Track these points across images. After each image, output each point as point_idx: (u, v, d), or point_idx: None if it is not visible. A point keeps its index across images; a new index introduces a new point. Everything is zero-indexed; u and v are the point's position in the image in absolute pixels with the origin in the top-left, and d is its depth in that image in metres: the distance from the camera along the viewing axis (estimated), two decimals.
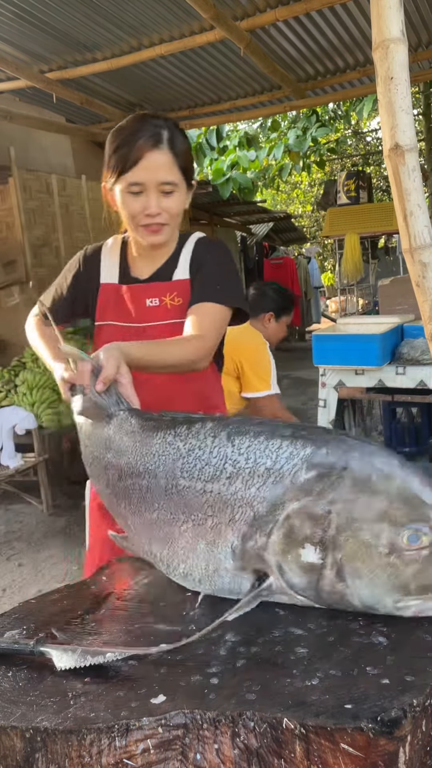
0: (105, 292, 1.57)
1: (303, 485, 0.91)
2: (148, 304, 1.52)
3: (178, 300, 1.51)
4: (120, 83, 5.32)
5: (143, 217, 1.41)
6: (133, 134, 1.36)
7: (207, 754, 0.74)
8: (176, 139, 1.39)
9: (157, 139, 1.36)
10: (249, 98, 5.81)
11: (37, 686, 0.87)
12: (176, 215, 1.45)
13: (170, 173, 1.38)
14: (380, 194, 15.76)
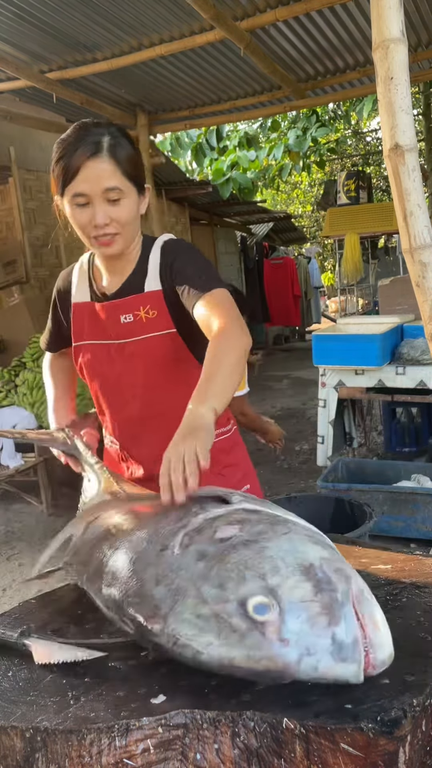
0: (77, 311, 1.54)
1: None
2: (122, 321, 1.46)
3: (152, 312, 1.45)
4: (120, 83, 5.32)
5: (92, 229, 1.35)
6: (72, 144, 1.32)
7: (207, 753, 0.74)
8: (118, 146, 1.33)
9: (96, 147, 1.31)
10: (249, 98, 5.82)
11: (37, 686, 0.87)
12: (127, 223, 1.37)
13: (113, 180, 1.32)
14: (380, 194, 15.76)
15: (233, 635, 0.79)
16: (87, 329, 1.51)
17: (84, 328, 1.52)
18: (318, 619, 0.77)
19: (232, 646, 0.79)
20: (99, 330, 1.50)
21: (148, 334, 1.44)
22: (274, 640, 0.77)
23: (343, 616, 0.77)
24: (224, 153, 10.20)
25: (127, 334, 1.46)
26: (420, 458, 4.34)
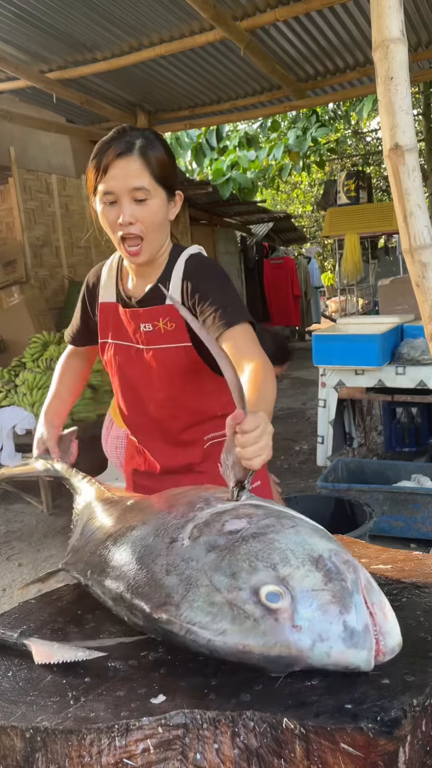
0: (103, 311, 1.57)
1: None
2: (142, 329, 1.49)
3: (171, 325, 1.47)
4: (120, 83, 5.32)
5: (118, 227, 1.38)
6: (106, 144, 1.36)
7: (207, 753, 0.74)
8: (150, 148, 1.36)
9: (127, 147, 1.34)
10: (249, 98, 5.82)
11: (37, 686, 0.87)
12: (152, 226, 1.38)
13: (140, 179, 1.34)
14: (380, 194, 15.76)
15: (247, 621, 0.81)
16: (112, 329, 1.56)
17: (109, 327, 1.56)
18: (329, 607, 0.79)
19: (246, 633, 0.80)
20: (123, 331, 1.54)
21: (165, 345, 1.47)
22: (287, 626, 0.79)
23: (354, 605, 0.80)
24: (224, 153, 10.20)
25: (146, 341, 1.49)
26: (420, 458, 4.34)
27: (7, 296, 5.98)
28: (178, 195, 1.45)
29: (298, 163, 11.04)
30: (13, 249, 6.46)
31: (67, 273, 7.20)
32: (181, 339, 1.47)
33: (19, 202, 6.49)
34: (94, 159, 1.37)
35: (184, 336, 1.46)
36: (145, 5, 4.01)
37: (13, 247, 6.48)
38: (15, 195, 6.46)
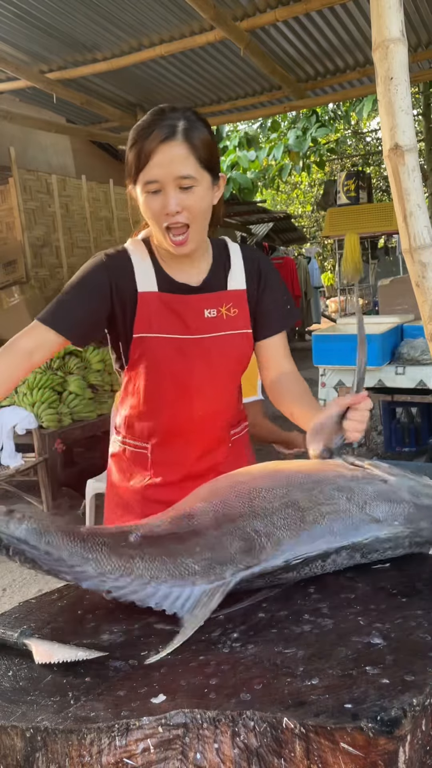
0: (145, 301, 1.39)
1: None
2: (206, 315, 1.42)
3: (234, 311, 1.44)
4: (120, 83, 5.32)
5: (164, 217, 1.29)
6: (147, 128, 1.27)
7: (207, 753, 0.74)
8: (194, 130, 1.27)
9: (170, 130, 1.25)
10: (249, 98, 5.82)
11: (38, 686, 0.87)
12: (199, 213, 1.31)
13: (186, 166, 1.26)
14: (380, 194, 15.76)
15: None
16: (156, 322, 1.40)
17: (152, 320, 1.40)
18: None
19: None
20: (172, 322, 1.40)
21: (228, 332, 1.44)
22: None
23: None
24: (224, 153, 10.21)
25: (208, 329, 1.42)
26: (420, 458, 4.34)
27: (7, 296, 5.98)
28: (222, 178, 1.38)
29: (298, 163, 11.05)
30: (14, 249, 6.46)
31: (67, 273, 7.20)
32: (243, 325, 1.45)
33: (20, 202, 6.49)
34: (135, 145, 1.28)
35: (246, 323, 1.45)
36: (145, 5, 4.02)
37: (13, 247, 6.48)
38: (15, 195, 6.47)
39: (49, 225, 6.97)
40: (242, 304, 1.45)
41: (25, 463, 4.26)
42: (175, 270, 1.44)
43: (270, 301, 1.49)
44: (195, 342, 1.41)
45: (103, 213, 7.90)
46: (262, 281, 1.48)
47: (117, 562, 1.06)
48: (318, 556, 1.05)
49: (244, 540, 1.05)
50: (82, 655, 0.89)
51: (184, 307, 1.41)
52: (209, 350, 1.42)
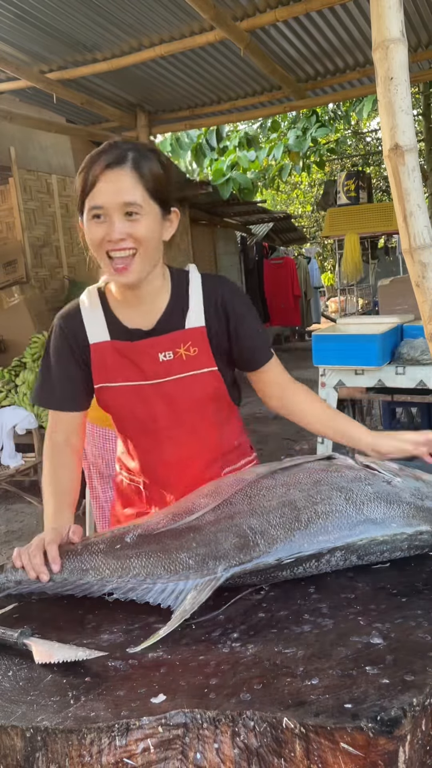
0: (97, 352, 1.38)
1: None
2: (161, 359, 1.36)
3: (193, 350, 1.37)
4: (120, 84, 5.32)
5: (106, 244, 1.24)
6: (96, 155, 1.24)
7: (207, 753, 0.74)
8: (144, 161, 1.24)
9: (119, 158, 1.22)
10: (249, 98, 5.82)
11: (38, 686, 0.87)
12: (144, 242, 1.25)
13: (132, 194, 1.22)
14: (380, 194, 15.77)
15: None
16: (112, 370, 1.38)
17: (107, 369, 1.38)
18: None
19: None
20: (128, 370, 1.38)
21: (188, 373, 1.37)
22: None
23: None
24: (224, 153, 10.20)
25: (165, 372, 1.36)
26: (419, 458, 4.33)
27: (7, 296, 5.98)
28: (174, 213, 1.32)
29: (298, 163, 11.05)
30: (14, 249, 6.46)
31: (67, 273, 7.20)
32: (206, 364, 1.38)
33: (20, 202, 6.49)
34: (82, 171, 1.25)
35: (209, 360, 1.38)
36: (145, 5, 4.01)
37: (13, 247, 6.48)
38: (15, 195, 6.47)
39: (49, 225, 6.97)
40: (202, 342, 1.37)
41: (25, 463, 4.26)
42: (128, 314, 1.39)
43: (250, 332, 1.41)
44: (154, 387, 1.37)
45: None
46: (231, 315, 1.39)
47: (114, 564, 1.11)
48: (311, 556, 1.06)
49: (239, 537, 1.07)
50: (82, 655, 0.90)
51: (136, 353, 1.37)
52: (170, 394, 1.37)
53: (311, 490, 1.12)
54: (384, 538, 1.07)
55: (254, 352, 1.43)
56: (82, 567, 1.12)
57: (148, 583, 1.07)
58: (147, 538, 1.13)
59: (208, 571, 1.05)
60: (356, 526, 1.07)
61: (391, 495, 1.11)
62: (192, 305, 1.39)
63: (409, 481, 1.15)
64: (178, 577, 1.06)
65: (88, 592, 1.11)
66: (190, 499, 1.22)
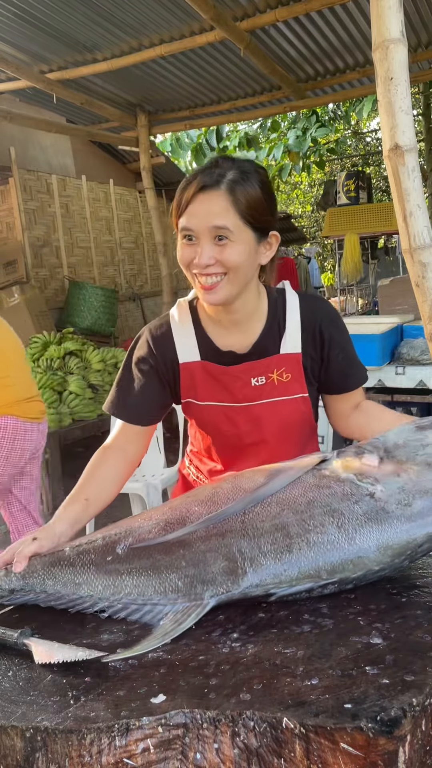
0: (187, 371, 1.36)
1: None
2: (253, 384, 1.34)
3: (286, 376, 1.34)
4: (120, 84, 5.32)
5: (194, 266, 1.22)
6: (193, 175, 1.20)
7: (207, 753, 0.74)
8: (242, 183, 1.18)
9: (215, 180, 1.17)
10: (249, 99, 5.82)
11: (37, 686, 0.87)
12: (233, 268, 1.21)
13: (223, 218, 1.17)
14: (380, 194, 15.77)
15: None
16: (200, 390, 1.37)
17: (196, 388, 1.37)
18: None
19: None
20: (217, 392, 1.36)
21: (279, 398, 1.35)
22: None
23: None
24: (224, 153, 10.21)
25: (256, 396, 1.35)
26: None
27: (7, 296, 5.99)
28: (274, 236, 1.27)
29: (297, 163, 11.05)
30: (14, 249, 6.46)
31: (68, 273, 7.20)
32: (298, 390, 1.36)
33: (20, 202, 6.49)
34: (180, 191, 1.21)
35: (302, 386, 1.36)
36: (145, 5, 4.02)
37: (13, 247, 6.48)
38: (15, 195, 6.47)
39: (49, 225, 6.98)
40: (297, 369, 1.35)
41: None
42: (221, 333, 1.36)
43: (339, 359, 1.38)
44: (242, 409, 1.36)
45: (103, 213, 7.91)
46: (327, 341, 1.36)
47: (106, 581, 1.07)
48: (302, 590, 1.00)
49: (228, 560, 1.02)
50: (82, 655, 0.89)
51: (228, 378, 1.35)
52: (258, 417, 1.36)
53: (304, 514, 1.04)
54: (380, 567, 1.00)
55: (345, 379, 1.40)
56: (75, 581, 1.09)
57: (139, 603, 1.04)
58: (138, 552, 1.08)
59: (195, 596, 1.01)
60: (350, 560, 0.99)
61: (379, 515, 1.01)
62: (289, 329, 1.35)
63: (391, 483, 1.03)
64: (167, 600, 1.02)
65: (81, 607, 1.07)
66: (186, 503, 1.15)
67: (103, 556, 1.10)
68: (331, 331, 1.36)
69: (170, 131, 7.78)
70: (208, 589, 1.01)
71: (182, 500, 1.17)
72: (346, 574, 0.99)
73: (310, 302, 1.39)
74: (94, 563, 1.10)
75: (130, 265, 8.41)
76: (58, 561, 1.13)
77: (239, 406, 1.35)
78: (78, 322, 6.65)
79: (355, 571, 0.99)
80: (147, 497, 3.17)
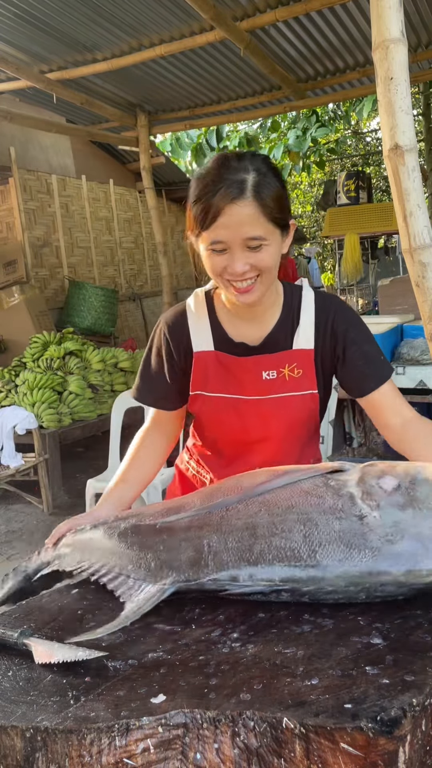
0: (200, 361, 1.37)
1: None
2: (264, 377, 1.34)
3: (297, 372, 1.34)
4: (120, 83, 5.32)
5: (226, 274, 1.23)
6: (213, 184, 1.17)
7: (207, 753, 0.74)
8: (264, 185, 1.18)
9: (239, 189, 1.15)
10: (249, 98, 5.82)
11: (37, 686, 0.87)
12: (266, 269, 1.23)
13: (255, 228, 1.17)
14: (380, 194, 15.77)
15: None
16: (212, 381, 1.37)
17: (208, 379, 1.37)
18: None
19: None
20: (229, 383, 1.37)
21: (288, 393, 1.35)
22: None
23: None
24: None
25: (266, 391, 1.35)
26: None
27: (7, 296, 5.99)
28: (291, 225, 1.28)
29: (298, 163, 11.05)
30: (14, 249, 6.46)
31: (67, 273, 7.20)
32: (308, 386, 1.36)
33: (20, 202, 6.49)
34: (199, 201, 1.19)
35: (312, 383, 1.36)
36: (145, 5, 4.02)
37: (13, 247, 6.48)
38: (15, 195, 6.47)
39: (49, 225, 6.98)
40: (308, 365, 1.35)
41: (25, 463, 4.26)
42: (236, 325, 1.37)
43: (357, 357, 1.36)
44: (251, 403, 1.36)
45: (103, 213, 7.91)
46: (340, 338, 1.36)
47: (101, 552, 1.19)
48: (256, 591, 1.00)
49: (196, 551, 1.05)
50: (82, 655, 0.89)
51: (240, 369, 1.35)
52: (266, 412, 1.36)
53: (278, 517, 1.02)
54: (332, 588, 0.96)
55: (362, 378, 1.36)
56: (81, 547, 1.24)
57: (116, 573, 1.14)
58: (137, 529, 1.17)
59: (161, 578, 1.06)
60: (304, 570, 0.97)
61: (356, 536, 0.96)
62: (303, 324, 1.36)
63: (390, 514, 0.97)
64: (137, 575, 1.10)
65: (80, 570, 1.20)
66: (194, 494, 1.21)
67: (109, 531, 1.21)
68: (346, 328, 1.36)
69: (170, 131, 7.78)
70: (171, 575, 1.06)
71: (189, 495, 1.23)
72: (297, 585, 0.98)
73: (326, 299, 1.39)
74: (99, 536, 1.22)
75: (130, 265, 8.42)
76: (74, 531, 1.29)
77: (249, 400, 1.36)
78: (78, 322, 6.66)
79: (307, 584, 0.97)
80: (147, 497, 3.17)
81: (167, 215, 9.24)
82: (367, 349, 1.36)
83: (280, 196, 1.21)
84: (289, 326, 1.36)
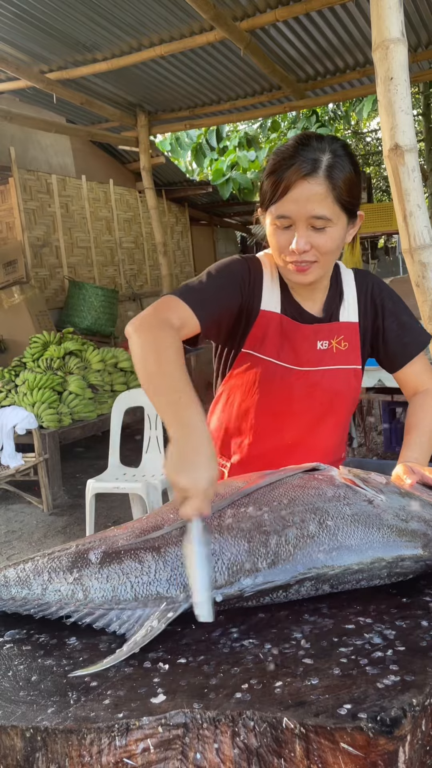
0: (264, 319, 1.35)
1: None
2: (318, 347, 1.35)
3: (344, 344, 1.37)
4: (120, 83, 5.32)
5: (289, 253, 1.23)
6: (288, 159, 1.18)
7: (207, 753, 0.74)
8: (337, 167, 1.18)
9: (313, 166, 1.16)
10: (249, 98, 5.83)
11: (38, 686, 0.87)
12: (328, 253, 1.24)
13: (323, 207, 1.18)
14: (380, 194, 15.77)
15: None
16: (268, 344, 1.35)
17: (265, 340, 1.35)
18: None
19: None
20: (282, 350, 1.35)
21: (336, 366, 1.37)
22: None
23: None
24: (224, 153, 10.22)
25: (318, 362, 1.36)
26: None
27: (7, 296, 5.99)
28: (359, 217, 1.28)
29: None
30: (14, 249, 6.46)
31: (68, 273, 7.20)
32: (353, 360, 1.38)
33: (20, 202, 6.49)
34: (273, 174, 1.20)
35: (357, 357, 1.38)
36: (145, 5, 4.02)
37: (13, 247, 6.48)
38: (15, 195, 6.47)
39: (49, 225, 6.97)
40: (354, 338, 1.38)
41: (25, 463, 4.26)
42: (297, 294, 1.38)
43: (395, 327, 1.41)
44: (300, 374, 1.36)
45: (103, 213, 7.91)
46: (379, 311, 1.41)
47: (74, 586, 1.00)
48: (278, 587, 0.98)
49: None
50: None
51: (299, 335, 1.36)
52: (313, 384, 1.36)
53: (283, 512, 1.02)
54: (359, 567, 0.98)
55: (404, 347, 1.41)
56: (43, 585, 1.02)
57: (105, 609, 0.98)
58: (110, 556, 1.02)
59: (168, 598, 0.97)
60: (329, 554, 0.98)
61: (371, 517, 1.01)
62: (347, 297, 1.40)
63: (394, 499, 1.04)
64: (137, 603, 0.98)
65: (46, 613, 1.00)
66: (163, 511, 1.10)
67: (73, 560, 1.04)
68: (383, 299, 1.42)
69: (170, 131, 7.78)
70: (181, 592, 0.97)
71: (161, 510, 1.11)
72: (324, 570, 0.98)
73: (364, 276, 1.44)
74: (63, 568, 1.03)
75: (130, 265, 8.42)
76: (27, 566, 1.05)
77: (298, 371, 1.36)
78: (78, 322, 6.66)
79: (333, 567, 0.98)
80: (147, 497, 3.16)
81: (167, 215, 9.24)
82: (404, 319, 1.43)
83: (353, 181, 1.21)
84: (336, 300, 1.40)
